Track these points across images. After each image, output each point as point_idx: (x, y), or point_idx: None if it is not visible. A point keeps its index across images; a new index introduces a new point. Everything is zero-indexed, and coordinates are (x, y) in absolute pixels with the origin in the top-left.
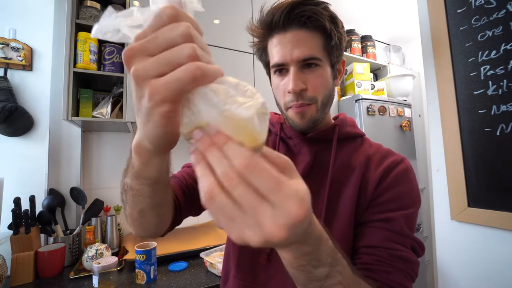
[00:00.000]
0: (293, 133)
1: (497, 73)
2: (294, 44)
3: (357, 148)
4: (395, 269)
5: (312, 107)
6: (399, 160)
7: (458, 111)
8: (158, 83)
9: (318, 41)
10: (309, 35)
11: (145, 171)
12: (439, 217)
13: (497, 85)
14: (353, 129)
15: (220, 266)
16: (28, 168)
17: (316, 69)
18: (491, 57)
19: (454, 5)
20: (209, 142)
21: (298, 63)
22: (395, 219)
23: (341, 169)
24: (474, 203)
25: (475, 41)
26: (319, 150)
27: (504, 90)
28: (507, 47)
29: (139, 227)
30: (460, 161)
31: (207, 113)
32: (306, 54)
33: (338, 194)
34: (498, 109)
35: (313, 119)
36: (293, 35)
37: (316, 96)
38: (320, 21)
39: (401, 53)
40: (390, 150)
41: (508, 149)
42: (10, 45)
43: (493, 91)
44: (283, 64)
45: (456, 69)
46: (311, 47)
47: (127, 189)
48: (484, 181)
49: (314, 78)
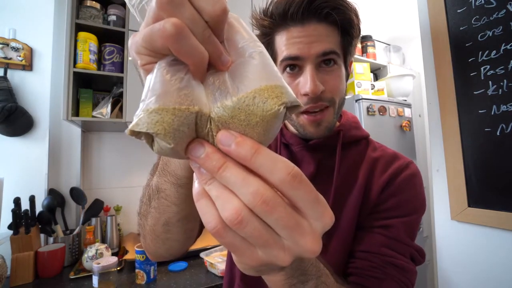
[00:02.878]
0: (294, 139)
1: (497, 73)
2: (313, 39)
3: (362, 153)
4: (388, 276)
5: (330, 111)
6: (404, 166)
7: (458, 111)
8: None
9: (337, 37)
10: (329, 29)
11: (171, 164)
12: (439, 217)
13: (497, 85)
14: (358, 132)
15: (219, 266)
16: (28, 168)
17: (333, 68)
18: (491, 57)
19: (454, 5)
20: (222, 158)
21: (316, 58)
22: (394, 226)
23: (345, 177)
24: (474, 203)
25: (475, 41)
26: (322, 158)
27: (504, 90)
28: (507, 47)
29: (162, 246)
30: (460, 161)
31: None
32: (327, 47)
33: (342, 203)
34: (498, 109)
35: (329, 126)
36: (312, 29)
37: (334, 97)
38: (346, 14)
39: (401, 53)
40: (396, 153)
41: (508, 149)
42: (10, 45)
43: (493, 91)
44: (298, 57)
45: (456, 69)
46: (331, 42)
47: (151, 194)
48: (484, 181)
49: (332, 77)
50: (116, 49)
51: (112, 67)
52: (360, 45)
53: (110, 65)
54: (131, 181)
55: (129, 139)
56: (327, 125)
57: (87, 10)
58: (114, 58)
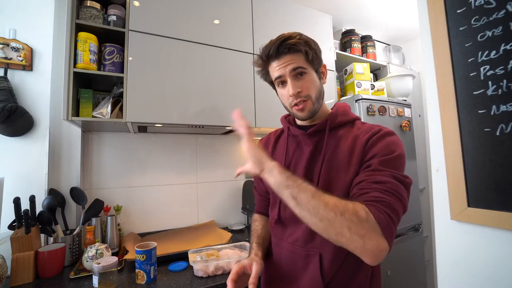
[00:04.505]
0: (297, 131)
1: (497, 73)
2: (286, 63)
3: (347, 132)
4: (372, 189)
5: (308, 102)
6: (378, 129)
7: (458, 111)
8: None
9: (301, 58)
10: (294, 56)
11: None
12: (439, 217)
13: (497, 85)
14: (343, 118)
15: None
16: (28, 168)
17: (304, 76)
18: (490, 57)
19: (454, 5)
20: None
21: (291, 73)
22: (373, 163)
23: (334, 147)
24: (474, 203)
25: (475, 41)
26: (317, 140)
27: (504, 90)
28: (507, 47)
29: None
30: (460, 161)
31: None
32: (295, 65)
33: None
34: (498, 109)
35: (311, 110)
36: (284, 58)
37: (309, 93)
38: (298, 47)
39: (401, 53)
40: (373, 125)
41: (508, 149)
42: (10, 45)
43: (493, 91)
44: (282, 76)
45: (456, 69)
46: (298, 62)
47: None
48: (484, 181)
49: (304, 82)
50: (116, 49)
51: (112, 67)
52: (360, 45)
53: (110, 65)
54: (131, 181)
55: (129, 139)
56: (308, 110)
57: (87, 10)
58: (114, 58)
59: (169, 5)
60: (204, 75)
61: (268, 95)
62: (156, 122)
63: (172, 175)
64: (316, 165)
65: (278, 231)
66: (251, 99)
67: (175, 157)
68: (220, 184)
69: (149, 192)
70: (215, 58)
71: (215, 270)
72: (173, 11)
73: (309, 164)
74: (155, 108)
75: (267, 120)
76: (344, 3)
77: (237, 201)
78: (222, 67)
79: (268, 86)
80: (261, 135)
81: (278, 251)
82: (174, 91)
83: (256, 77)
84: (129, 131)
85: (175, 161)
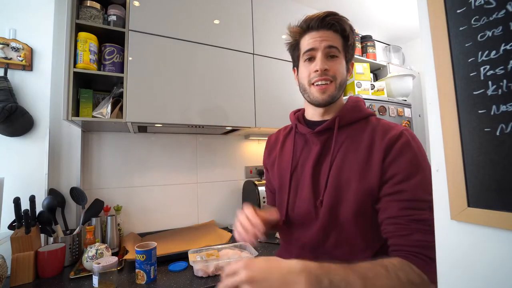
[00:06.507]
0: (305, 130)
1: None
2: (323, 38)
3: (360, 131)
4: (413, 230)
5: (332, 85)
6: (399, 134)
7: (458, 111)
8: None
9: (339, 40)
10: (334, 35)
11: None
12: (439, 217)
13: (497, 85)
14: (356, 114)
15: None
16: (28, 168)
17: (336, 59)
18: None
19: (454, 5)
20: None
21: (324, 49)
22: (405, 190)
23: (345, 149)
24: (474, 203)
25: (475, 41)
26: (325, 139)
27: (504, 90)
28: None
29: None
30: (460, 161)
31: None
32: (331, 43)
33: (343, 165)
34: (498, 109)
35: (332, 95)
36: (323, 33)
37: (336, 75)
38: (343, 25)
39: (401, 53)
40: (392, 124)
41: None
42: (10, 45)
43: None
44: (314, 49)
45: (456, 69)
46: (335, 42)
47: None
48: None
49: (334, 64)
50: (116, 49)
51: (112, 67)
52: (360, 45)
53: (110, 65)
54: (131, 181)
55: (129, 139)
56: (330, 94)
57: (87, 10)
58: (114, 58)
59: (169, 5)
60: (204, 75)
61: (268, 95)
62: (156, 122)
63: (172, 175)
64: (323, 167)
65: (286, 233)
66: (251, 99)
67: (175, 157)
68: (220, 184)
69: (149, 192)
70: (215, 58)
71: (215, 270)
72: (173, 11)
73: (316, 166)
74: (155, 108)
75: (267, 120)
76: (344, 3)
77: (237, 201)
78: (222, 67)
79: (268, 86)
80: (261, 135)
81: (287, 257)
82: (174, 91)
83: (256, 77)
84: (129, 131)
85: (175, 161)
